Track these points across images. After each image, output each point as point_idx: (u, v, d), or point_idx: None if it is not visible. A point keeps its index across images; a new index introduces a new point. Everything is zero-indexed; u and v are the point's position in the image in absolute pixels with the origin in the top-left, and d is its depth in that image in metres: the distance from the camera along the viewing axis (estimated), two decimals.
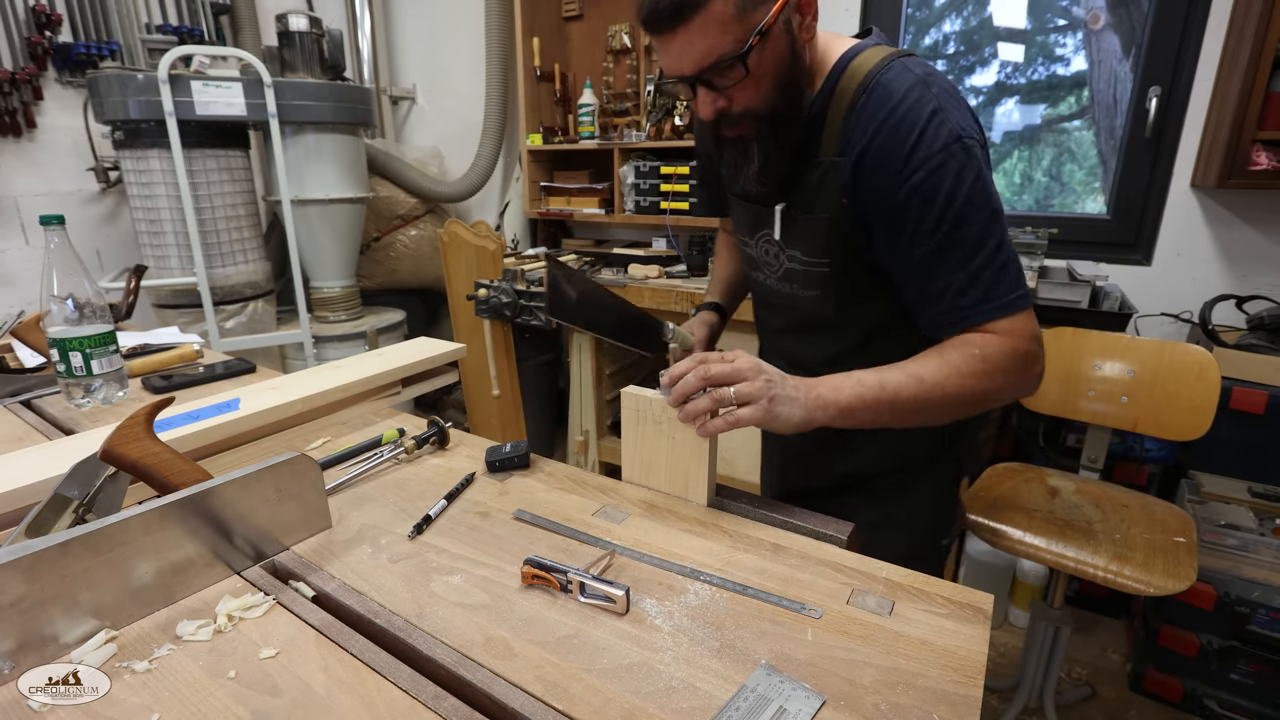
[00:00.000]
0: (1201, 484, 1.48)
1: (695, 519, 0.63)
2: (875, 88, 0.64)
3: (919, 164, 0.61)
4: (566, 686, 0.42)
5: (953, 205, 0.61)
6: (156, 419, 0.59)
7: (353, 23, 2.64)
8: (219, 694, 0.41)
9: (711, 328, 0.93)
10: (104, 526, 0.46)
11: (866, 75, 0.65)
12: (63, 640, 0.44)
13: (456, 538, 0.59)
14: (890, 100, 0.63)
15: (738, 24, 0.58)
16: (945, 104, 0.61)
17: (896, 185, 0.63)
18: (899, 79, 0.63)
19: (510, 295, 1.88)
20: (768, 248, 0.79)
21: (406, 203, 2.56)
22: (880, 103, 0.63)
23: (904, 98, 0.62)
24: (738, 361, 0.61)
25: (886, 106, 0.63)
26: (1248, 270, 1.61)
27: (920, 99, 0.61)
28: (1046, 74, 1.89)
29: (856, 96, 0.65)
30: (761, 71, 0.62)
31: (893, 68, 0.64)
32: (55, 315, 0.83)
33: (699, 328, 0.91)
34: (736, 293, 1.02)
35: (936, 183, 0.61)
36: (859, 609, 0.49)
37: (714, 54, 0.60)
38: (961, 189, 0.61)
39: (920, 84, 0.62)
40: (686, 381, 0.61)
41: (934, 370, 0.63)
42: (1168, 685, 1.42)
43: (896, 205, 0.64)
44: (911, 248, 0.65)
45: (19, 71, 2.01)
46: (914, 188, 0.62)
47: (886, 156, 0.63)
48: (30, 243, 2.13)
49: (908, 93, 0.62)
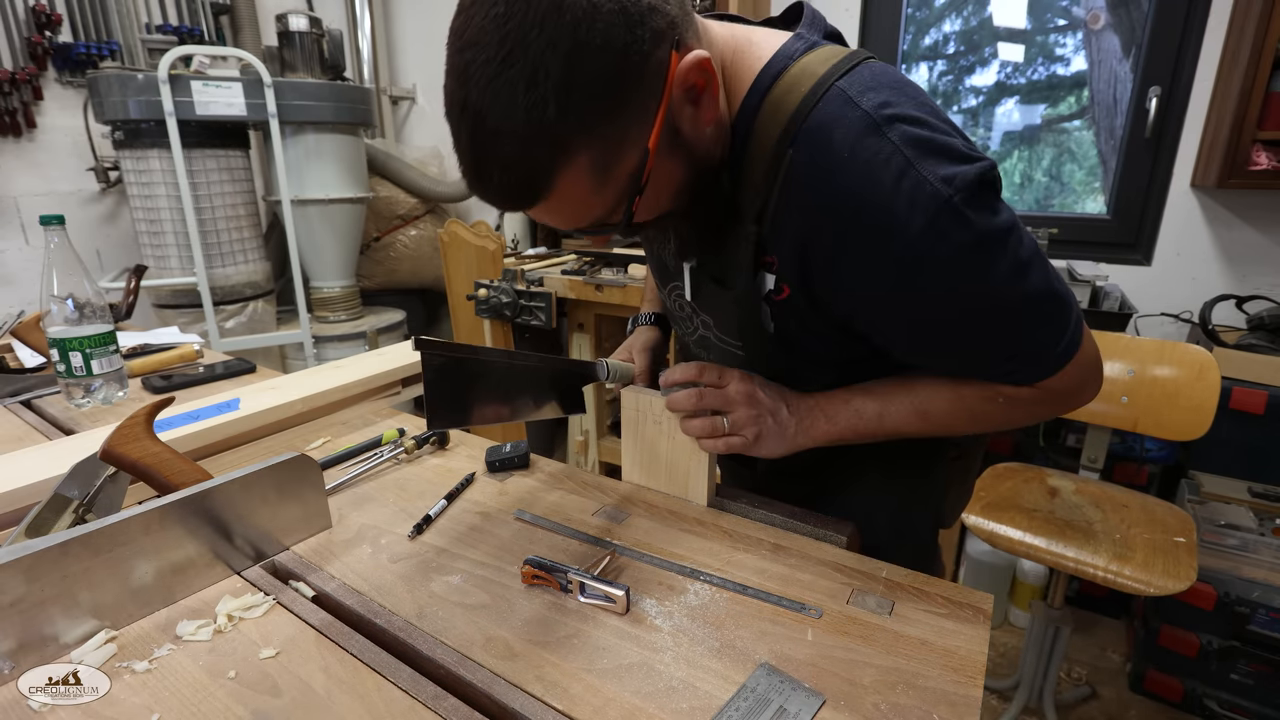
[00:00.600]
0: (1201, 484, 1.48)
1: (695, 519, 0.63)
2: (806, 141, 0.46)
3: (903, 259, 0.46)
4: (566, 686, 0.42)
5: (964, 289, 0.47)
6: (156, 419, 0.59)
7: (353, 23, 2.64)
8: (219, 694, 0.41)
9: (654, 349, 0.77)
10: (104, 526, 0.46)
11: (792, 117, 0.47)
12: (63, 640, 0.44)
13: (457, 538, 0.59)
14: (831, 165, 0.45)
15: (604, 184, 0.44)
16: (911, 148, 0.44)
17: (875, 283, 0.48)
18: (839, 125, 0.45)
19: (510, 295, 1.88)
20: (680, 303, 0.66)
21: (406, 203, 2.56)
22: (817, 171, 0.46)
23: (852, 160, 0.44)
24: (729, 388, 0.58)
25: (828, 179, 0.46)
26: (1248, 270, 1.61)
27: (874, 156, 0.44)
28: (1046, 74, 1.89)
29: (779, 147, 0.47)
30: (657, 193, 0.48)
31: (828, 101, 0.46)
32: (55, 315, 0.83)
33: (640, 354, 0.74)
34: None
35: (934, 274, 0.46)
36: (859, 609, 0.49)
37: (586, 219, 0.47)
38: (968, 266, 0.46)
39: (870, 130, 0.44)
40: (679, 399, 0.60)
41: (945, 408, 0.55)
42: (1168, 685, 1.42)
43: (882, 303, 0.50)
44: (918, 340, 0.53)
45: (19, 71, 2.01)
46: (905, 284, 0.47)
47: (849, 252, 0.47)
48: (30, 243, 2.13)
49: (854, 151, 0.44)
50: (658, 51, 0.42)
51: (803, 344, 0.58)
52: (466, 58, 0.39)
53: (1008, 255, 0.46)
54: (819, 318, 0.55)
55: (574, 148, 0.41)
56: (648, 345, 0.77)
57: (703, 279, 0.61)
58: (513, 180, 0.42)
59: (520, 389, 0.60)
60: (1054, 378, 0.51)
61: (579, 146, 0.41)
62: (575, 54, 0.38)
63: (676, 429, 0.64)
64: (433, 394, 0.53)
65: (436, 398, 0.53)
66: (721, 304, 0.60)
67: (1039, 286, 0.48)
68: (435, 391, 0.53)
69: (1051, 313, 0.49)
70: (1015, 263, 0.47)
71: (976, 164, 0.44)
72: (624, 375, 0.69)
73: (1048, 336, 0.50)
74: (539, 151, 0.41)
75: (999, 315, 0.49)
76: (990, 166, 0.45)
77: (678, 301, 0.67)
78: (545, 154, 0.41)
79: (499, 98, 0.39)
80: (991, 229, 0.45)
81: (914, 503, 0.69)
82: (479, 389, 0.57)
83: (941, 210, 0.43)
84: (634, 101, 0.42)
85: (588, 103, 0.40)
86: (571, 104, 0.39)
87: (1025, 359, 0.51)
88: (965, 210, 0.44)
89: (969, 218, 0.44)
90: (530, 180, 0.42)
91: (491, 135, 0.40)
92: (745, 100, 0.51)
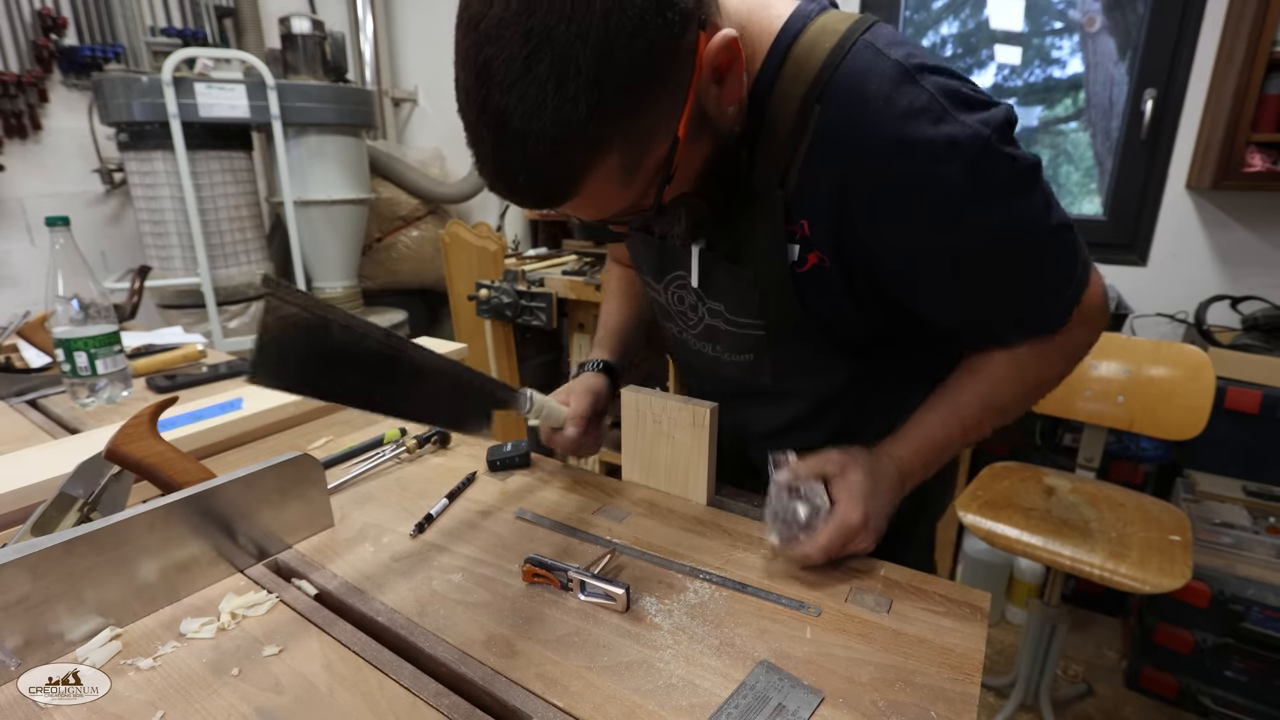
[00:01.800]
0: (1196, 483, 1.49)
1: (695, 518, 0.63)
2: (838, 94, 0.46)
3: (948, 200, 0.46)
4: (567, 684, 0.42)
5: (1006, 222, 0.48)
6: (160, 418, 0.60)
7: (355, 25, 2.65)
8: (223, 691, 0.41)
9: (597, 396, 0.69)
10: (109, 525, 0.46)
11: (821, 70, 0.46)
12: (68, 637, 0.45)
13: (458, 536, 0.59)
14: (868, 114, 0.45)
15: (632, 179, 0.43)
16: (944, 96, 0.44)
17: (919, 228, 0.48)
18: (872, 75, 0.45)
19: (511, 295, 1.89)
20: (682, 295, 0.62)
21: (408, 204, 2.56)
22: (853, 122, 0.45)
23: (889, 108, 0.44)
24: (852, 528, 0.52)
25: (865, 128, 0.45)
26: (1242, 271, 1.62)
27: (913, 103, 0.44)
28: (1043, 76, 1.90)
29: (805, 104, 0.47)
30: (684, 175, 0.47)
31: (856, 54, 0.46)
32: (60, 315, 0.84)
33: (580, 397, 0.68)
34: (631, 345, 0.79)
35: (977, 212, 0.47)
36: (857, 607, 0.50)
37: (614, 209, 0.45)
38: (1008, 200, 0.47)
39: (905, 78, 0.44)
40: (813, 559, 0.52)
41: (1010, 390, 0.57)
42: (1163, 682, 1.43)
43: (926, 249, 0.50)
44: (960, 287, 0.53)
45: (25, 74, 2.02)
46: (950, 225, 0.48)
47: (891, 200, 0.47)
48: (36, 244, 2.14)
49: (890, 99, 0.44)
50: (686, 35, 0.39)
51: (825, 320, 0.57)
52: (486, 53, 0.36)
53: (1039, 189, 0.49)
54: (846, 288, 0.54)
55: (606, 147, 0.39)
56: (589, 389, 0.69)
57: (713, 261, 0.57)
58: (539, 183, 0.40)
59: (398, 382, 0.51)
60: (1076, 311, 0.53)
61: (611, 145, 0.39)
62: (606, 45, 0.35)
63: (677, 428, 0.64)
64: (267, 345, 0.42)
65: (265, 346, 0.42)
66: (736, 285, 0.57)
67: (1061, 218, 0.51)
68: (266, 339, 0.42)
69: (1071, 241, 0.52)
70: (1045, 196, 0.49)
71: (1001, 108, 0.46)
72: (552, 416, 0.64)
73: (1071, 264, 0.52)
74: (570, 154, 0.38)
75: (1037, 247, 0.50)
76: (1011, 109, 0.47)
77: (678, 294, 0.63)
78: (576, 156, 0.39)
79: (525, 98, 0.36)
80: (1025, 164, 0.47)
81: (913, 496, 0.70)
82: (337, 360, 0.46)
83: (982, 150, 0.44)
84: (666, 90, 0.40)
85: (620, 98, 0.37)
86: (604, 100, 0.36)
87: (1058, 292, 0.53)
88: (1002, 148, 0.45)
89: (1007, 153, 0.46)
90: (559, 182, 0.40)
91: (517, 138, 0.38)
92: (765, 62, 0.49)
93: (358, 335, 0.47)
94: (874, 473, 0.55)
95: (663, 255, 0.62)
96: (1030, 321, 0.55)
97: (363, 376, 0.48)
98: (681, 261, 0.60)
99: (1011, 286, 0.53)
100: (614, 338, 0.79)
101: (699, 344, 0.66)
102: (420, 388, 0.52)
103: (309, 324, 0.44)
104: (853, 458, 0.56)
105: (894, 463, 0.57)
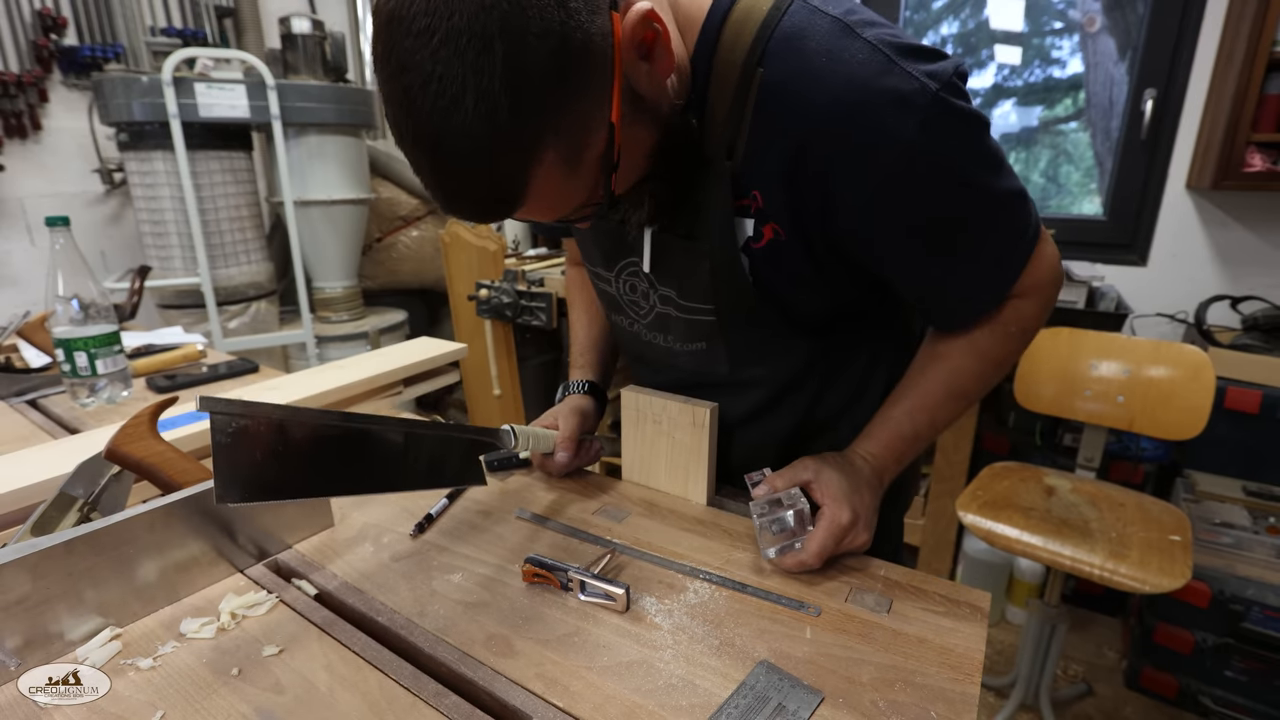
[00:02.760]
0: (1196, 483, 1.49)
1: (695, 518, 0.63)
2: (778, 55, 0.45)
3: (899, 155, 0.44)
4: (567, 684, 0.42)
5: (958, 180, 0.47)
6: (160, 418, 0.60)
7: (355, 25, 2.65)
8: (223, 691, 0.42)
9: (585, 416, 0.69)
10: (109, 525, 0.46)
11: (756, 35, 0.45)
12: (68, 637, 0.45)
13: (458, 536, 0.60)
14: (810, 72, 0.43)
15: (576, 172, 0.42)
16: (888, 48, 0.43)
17: (872, 187, 0.47)
18: (810, 32, 0.44)
19: (511, 295, 1.89)
20: (633, 284, 0.61)
21: (408, 204, 2.56)
22: (796, 82, 0.44)
23: (831, 64, 0.43)
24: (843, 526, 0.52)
25: (809, 87, 0.44)
26: (1242, 271, 1.62)
27: (854, 57, 0.43)
28: (1043, 76, 1.90)
29: (746, 69, 0.46)
30: (631, 162, 0.46)
31: (793, 14, 0.45)
32: (60, 315, 0.84)
33: (568, 419, 0.67)
34: (610, 357, 0.79)
35: (930, 168, 0.46)
36: (857, 607, 0.50)
37: (567, 208, 0.46)
38: (960, 157, 0.46)
39: (845, 33, 0.43)
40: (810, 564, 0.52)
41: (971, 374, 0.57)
42: (1163, 682, 1.43)
43: (880, 209, 0.48)
44: (917, 248, 0.52)
45: (25, 74, 2.02)
46: (903, 182, 0.46)
47: (843, 159, 0.46)
48: (36, 244, 2.14)
49: (832, 55, 0.43)
50: (597, 19, 0.39)
51: (782, 298, 0.56)
52: (404, 83, 0.36)
53: (990, 147, 0.48)
54: (805, 257, 0.53)
55: (539, 147, 0.39)
56: (576, 409, 0.69)
57: (665, 243, 0.56)
58: (484, 196, 0.41)
59: (375, 458, 0.50)
60: (1028, 276, 0.53)
61: (544, 145, 0.39)
62: (515, 50, 0.35)
63: (677, 428, 0.64)
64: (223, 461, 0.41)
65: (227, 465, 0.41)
66: (688, 267, 0.56)
67: (1012, 183, 0.50)
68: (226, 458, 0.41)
69: (1022, 208, 0.51)
70: (996, 155, 0.48)
71: (950, 60, 0.45)
72: (541, 443, 0.63)
73: (1023, 230, 0.52)
74: (504, 162, 0.39)
75: (991, 208, 0.50)
76: (961, 62, 0.46)
77: (629, 281, 0.62)
78: (511, 163, 0.39)
79: (449, 119, 0.36)
80: (975, 120, 0.46)
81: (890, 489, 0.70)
82: (305, 456, 0.45)
83: (931, 103, 0.43)
84: (587, 80, 0.39)
85: (540, 98, 0.37)
86: (524, 104, 0.37)
87: (1007, 258, 0.53)
88: (953, 101, 0.44)
89: (957, 108, 0.44)
90: (502, 192, 0.41)
91: (451, 158, 0.38)
92: (702, 32, 0.48)
93: (317, 425, 0.46)
94: (849, 472, 0.56)
95: (614, 243, 0.61)
96: (981, 289, 0.55)
97: (338, 463, 0.48)
98: (633, 248, 0.59)
99: (963, 247, 0.52)
100: (592, 350, 0.79)
101: (650, 335, 0.65)
102: (400, 457, 0.51)
103: (263, 430, 0.43)
104: (825, 461, 0.56)
105: (868, 460, 0.58)
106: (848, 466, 0.57)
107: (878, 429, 0.60)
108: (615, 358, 0.81)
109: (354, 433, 0.49)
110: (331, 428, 0.47)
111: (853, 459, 0.58)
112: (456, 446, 0.56)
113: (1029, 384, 1.46)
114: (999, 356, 0.58)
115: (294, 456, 0.45)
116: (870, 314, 0.64)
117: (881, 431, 0.59)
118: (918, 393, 0.59)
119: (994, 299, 0.55)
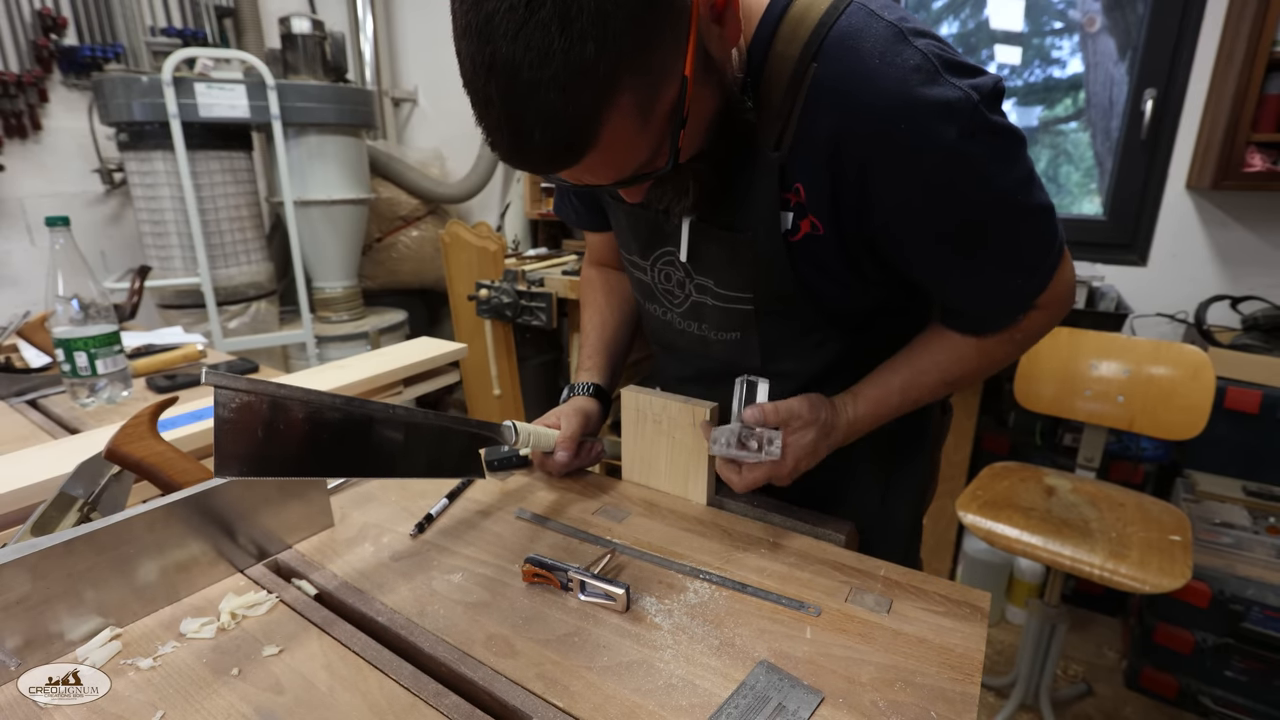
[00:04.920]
0: (1196, 483, 1.49)
1: (695, 518, 0.63)
2: (833, 52, 0.46)
3: (939, 160, 0.46)
4: (567, 684, 0.42)
5: (992, 190, 0.49)
6: (160, 418, 0.60)
7: (355, 25, 2.65)
8: (223, 691, 0.42)
9: (588, 418, 0.70)
10: (109, 525, 0.46)
11: (814, 31, 0.47)
12: (68, 637, 0.45)
13: (458, 536, 0.60)
14: (864, 72, 0.45)
15: (647, 124, 0.42)
16: (937, 59, 0.45)
17: (909, 188, 0.49)
18: (866, 34, 0.46)
19: (511, 295, 1.89)
20: (669, 272, 0.62)
21: (408, 204, 2.56)
22: (849, 80, 0.46)
23: (884, 66, 0.45)
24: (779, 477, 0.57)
25: (861, 85, 0.45)
26: (1242, 271, 1.62)
27: (906, 62, 0.45)
28: (1043, 76, 1.90)
29: (801, 63, 0.47)
30: (696, 126, 0.46)
31: (851, 14, 0.46)
32: (60, 315, 0.84)
33: (570, 419, 0.67)
34: (619, 361, 0.79)
35: (967, 176, 0.48)
36: (857, 607, 0.50)
37: (629, 169, 0.45)
38: (995, 168, 0.48)
39: (899, 39, 0.45)
40: (753, 481, 0.57)
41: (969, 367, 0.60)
42: (1163, 682, 1.43)
43: (914, 211, 0.50)
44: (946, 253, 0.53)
45: (25, 74, 2.02)
46: (939, 187, 0.48)
47: (885, 156, 0.48)
48: (36, 244, 2.14)
49: (885, 58, 0.45)
50: None
51: (817, 290, 0.58)
52: (486, 9, 0.36)
53: (1024, 163, 0.50)
54: (840, 253, 0.55)
55: (618, 86, 0.38)
56: (579, 409, 0.69)
57: (703, 234, 0.57)
58: (557, 135, 0.39)
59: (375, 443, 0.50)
60: (1047, 292, 0.55)
61: (623, 85, 0.38)
62: None
63: (677, 428, 0.64)
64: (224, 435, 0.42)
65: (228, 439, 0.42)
66: (727, 257, 0.57)
67: (1043, 199, 0.51)
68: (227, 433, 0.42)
69: (1050, 223, 0.53)
70: (1029, 170, 0.50)
71: (990, 75, 0.47)
72: (541, 441, 0.63)
73: (1049, 244, 0.53)
74: (583, 96, 0.37)
75: (1020, 219, 0.51)
76: (1000, 79, 0.48)
77: (664, 270, 0.62)
78: (589, 98, 0.38)
79: (531, 45, 0.35)
80: (1013, 135, 0.48)
81: (901, 492, 0.71)
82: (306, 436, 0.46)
83: (973, 114, 0.45)
84: (668, 24, 0.39)
85: (626, 32, 0.36)
86: (610, 36, 0.36)
87: (1033, 270, 0.54)
88: (991, 116, 0.46)
89: (996, 123, 0.47)
90: (576, 132, 0.39)
91: (528, 89, 0.37)
92: (760, 24, 0.50)
93: (320, 406, 0.46)
94: (825, 432, 0.59)
95: (651, 232, 0.61)
96: (1007, 298, 0.56)
97: (338, 445, 0.48)
98: (671, 237, 0.60)
99: (991, 255, 0.53)
100: (601, 354, 0.78)
101: (684, 323, 0.65)
102: (400, 445, 0.52)
103: (265, 407, 0.44)
104: (814, 418, 0.58)
105: (848, 424, 0.60)
106: (828, 426, 0.59)
107: (870, 391, 0.61)
108: (624, 363, 0.81)
109: (356, 417, 0.49)
110: (334, 410, 0.47)
111: (838, 418, 0.60)
112: (457, 438, 0.56)
113: (1029, 384, 1.46)
114: (999, 358, 0.61)
115: (295, 435, 0.46)
116: (900, 314, 0.65)
117: (874, 395, 0.61)
118: (915, 371, 0.61)
119: (1019, 309, 0.56)
